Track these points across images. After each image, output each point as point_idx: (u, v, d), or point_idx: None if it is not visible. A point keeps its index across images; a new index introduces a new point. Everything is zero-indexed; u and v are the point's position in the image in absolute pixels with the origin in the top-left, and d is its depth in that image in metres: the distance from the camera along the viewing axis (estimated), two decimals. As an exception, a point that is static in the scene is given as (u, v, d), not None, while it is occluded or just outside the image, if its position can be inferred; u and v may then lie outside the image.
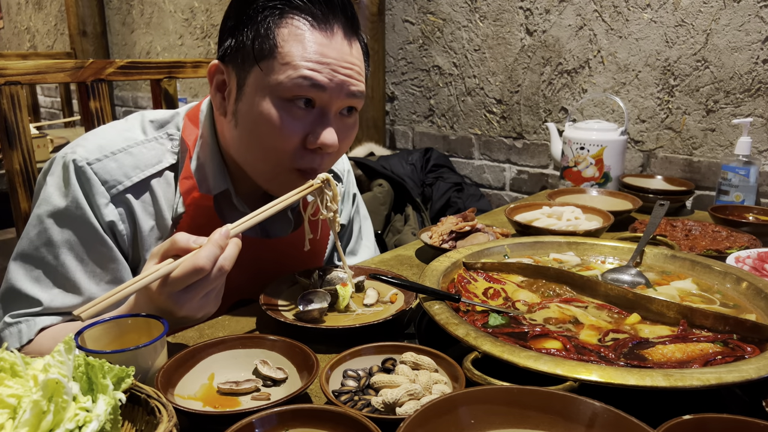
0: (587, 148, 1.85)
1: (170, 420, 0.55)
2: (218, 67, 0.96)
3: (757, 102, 1.93)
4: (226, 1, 3.63)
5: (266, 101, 0.92)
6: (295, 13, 0.90)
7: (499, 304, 0.92)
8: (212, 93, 0.99)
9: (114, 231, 0.98)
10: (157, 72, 1.96)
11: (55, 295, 0.95)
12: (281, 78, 0.90)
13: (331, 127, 0.94)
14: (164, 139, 1.03)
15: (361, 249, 1.37)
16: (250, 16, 0.91)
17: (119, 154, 0.98)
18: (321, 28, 0.91)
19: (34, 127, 2.48)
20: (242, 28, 0.92)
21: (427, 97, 2.82)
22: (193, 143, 1.03)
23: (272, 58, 0.90)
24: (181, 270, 0.75)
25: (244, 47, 0.92)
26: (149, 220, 1.00)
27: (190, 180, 1.01)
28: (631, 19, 2.15)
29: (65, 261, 0.95)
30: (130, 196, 0.98)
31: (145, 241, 1.00)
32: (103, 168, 0.96)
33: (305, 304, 0.94)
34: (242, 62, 0.93)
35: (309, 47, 0.90)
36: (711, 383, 0.64)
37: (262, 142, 0.95)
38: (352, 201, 1.35)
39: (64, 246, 0.94)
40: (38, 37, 5.23)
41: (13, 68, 1.57)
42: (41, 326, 0.94)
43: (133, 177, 0.98)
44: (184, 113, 1.07)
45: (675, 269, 1.06)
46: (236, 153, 1.01)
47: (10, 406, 0.51)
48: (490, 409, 0.61)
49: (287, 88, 0.90)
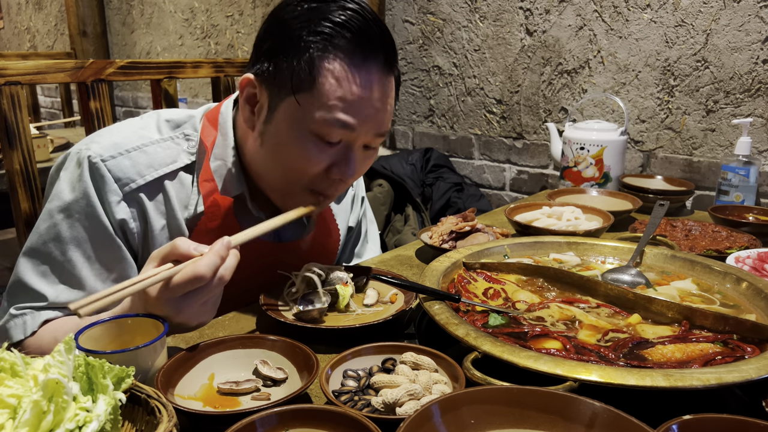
0: (587, 148, 1.85)
1: (170, 420, 0.55)
2: (251, 81, 0.96)
3: (757, 102, 1.93)
4: (227, 1, 3.63)
5: (295, 131, 0.93)
6: (337, 49, 0.89)
7: (499, 304, 0.92)
8: (241, 104, 0.99)
9: (125, 229, 0.98)
10: (157, 72, 1.96)
11: (60, 290, 0.95)
12: (315, 115, 0.91)
13: (354, 161, 0.96)
14: (180, 139, 1.03)
15: (366, 252, 1.38)
16: (290, 45, 0.90)
17: (134, 152, 0.98)
18: (360, 68, 0.91)
19: (34, 127, 2.48)
20: (280, 54, 0.91)
21: (427, 97, 2.83)
22: (212, 145, 1.03)
23: (308, 93, 0.90)
24: (181, 276, 0.75)
25: (281, 74, 0.91)
26: (160, 219, 1.01)
27: (211, 183, 1.01)
28: (631, 20, 2.15)
29: (72, 257, 0.95)
30: (142, 195, 0.98)
31: (156, 239, 1.00)
32: (117, 165, 0.96)
33: (305, 304, 0.94)
34: (278, 88, 0.93)
35: (346, 87, 0.90)
36: (711, 383, 0.64)
37: (284, 166, 0.96)
38: (360, 204, 1.35)
39: (72, 242, 0.95)
40: (38, 38, 5.23)
41: (13, 68, 1.57)
42: (45, 318, 0.95)
43: (147, 175, 0.98)
44: (201, 114, 1.07)
45: (675, 269, 1.06)
46: (256, 166, 1.02)
47: (10, 406, 0.51)
48: (490, 409, 0.61)
49: (318, 126, 0.91)
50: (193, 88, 4.05)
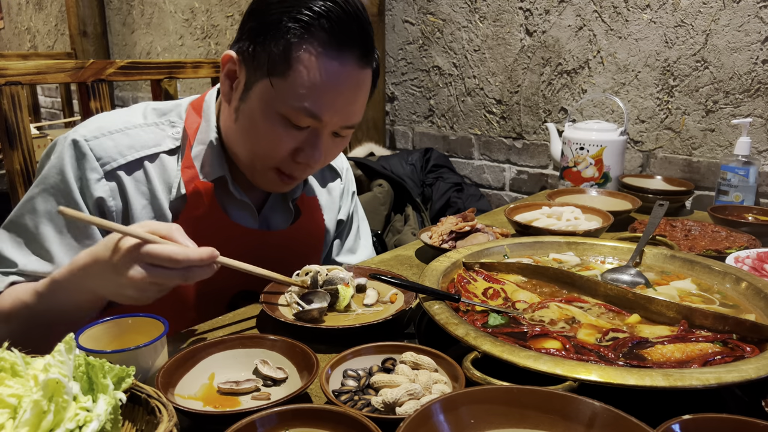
0: (587, 149, 1.85)
1: (170, 420, 0.55)
2: (232, 58, 0.99)
3: (757, 102, 1.93)
4: (227, 1, 3.63)
5: (266, 112, 0.96)
6: (313, 38, 0.91)
7: (498, 304, 0.92)
8: (222, 78, 1.02)
9: (102, 208, 1.00)
10: (157, 72, 1.97)
11: (31, 261, 0.98)
12: (285, 99, 0.93)
13: (322, 147, 0.99)
14: (165, 125, 1.07)
15: (359, 248, 1.38)
16: (270, 27, 0.93)
17: (116, 134, 1.02)
18: (333, 59, 0.92)
19: (34, 128, 2.47)
20: (260, 35, 0.94)
21: (427, 97, 2.83)
22: (195, 132, 1.06)
23: (282, 78, 0.93)
24: (159, 248, 0.77)
25: (258, 56, 0.94)
26: (141, 198, 1.03)
27: (192, 169, 1.04)
28: (630, 20, 2.15)
29: (44, 231, 0.98)
30: (122, 173, 1.01)
31: (137, 218, 1.02)
32: (100, 145, 1.00)
33: (306, 303, 0.94)
34: (254, 69, 0.96)
35: (315, 78, 0.92)
36: (711, 383, 0.64)
37: (253, 144, 1.00)
38: (350, 198, 1.36)
39: (44, 216, 0.98)
40: (39, 38, 5.23)
41: (13, 68, 1.57)
42: (11, 281, 0.97)
43: (128, 155, 1.01)
44: (187, 103, 1.11)
45: (674, 269, 1.06)
46: (231, 143, 1.05)
47: (10, 406, 0.51)
48: (489, 408, 0.61)
49: (287, 111, 0.94)
50: (193, 88, 4.04)
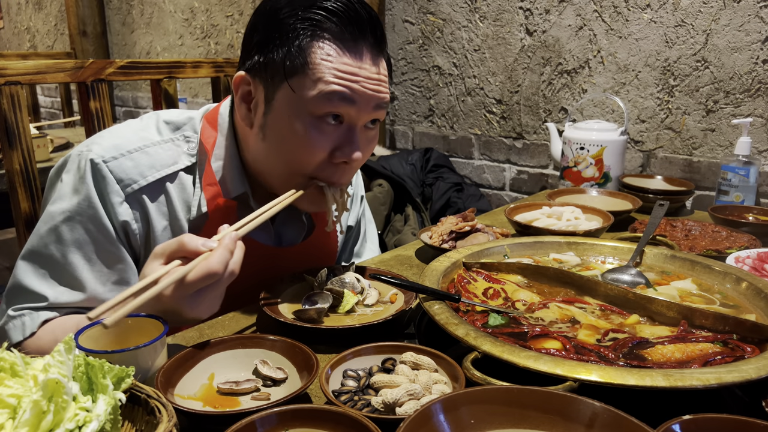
0: (587, 148, 1.85)
1: (170, 420, 0.55)
2: (244, 78, 0.96)
3: (757, 102, 1.93)
4: (227, 1, 3.63)
5: (296, 117, 0.93)
6: (326, 35, 0.90)
7: (498, 304, 0.92)
8: (237, 103, 0.99)
9: (127, 230, 0.98)
10: (157, 72, 1.96)
11: (61, 292, 0.95)
12: (312, 93, 0.90)
13: (357, 141, 0.96)
14: (180, 141, 1.04)
15: (365, 251, 1.38)
16: (280, 34, 0.91)
17: (135, 153, 0.99)
18: (350, 51, 0.91)
19: (34, 127, 2.47)
20: (271, 45, 0.92)
21: (427, 97, 2.83)
22: (212, 146, 1.03)
23: (303, 75, 0.90)
24: (196, 274, 0.76)
25: (272, 63, 0.92)
26: (162, 220, 1.01)
27: (215, 186, 1.02)
28: (631, 20, 2.15)
29: (73, 260, 0.95)
30: (144, 196, 0.99)
31: (158, 240, 1.00)
32: (119, 166, 0.96)
33: (310, 304, 0.94)
34: (271, 78, 0.93)
35: (338, 61, 0.91)
36: (711, 383, 0.64)
37: (289, 155, 0.96)
38: (359, 202, 1.35)
39: (73, 244, 0.95)
40: (38, 37, 5.23)
41: (13, 68, 1.57)
42: (44, 318, 0.95)
43: (149, 176, 0.98)
44: (201, 116, 1.07)
45: (675, 269, 1.06)
46: (259, 163, 1.02)
47: (10, 406, 0.51)
48: (489, 409, 0.61)
49: (318, 104, 0.91)
50: (193, 88, 4.04)
